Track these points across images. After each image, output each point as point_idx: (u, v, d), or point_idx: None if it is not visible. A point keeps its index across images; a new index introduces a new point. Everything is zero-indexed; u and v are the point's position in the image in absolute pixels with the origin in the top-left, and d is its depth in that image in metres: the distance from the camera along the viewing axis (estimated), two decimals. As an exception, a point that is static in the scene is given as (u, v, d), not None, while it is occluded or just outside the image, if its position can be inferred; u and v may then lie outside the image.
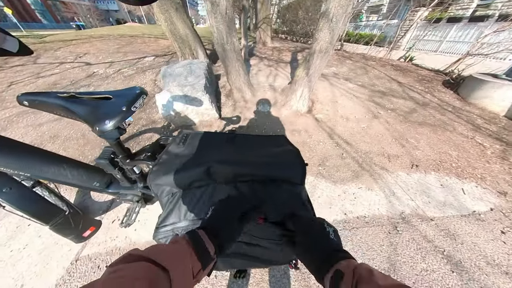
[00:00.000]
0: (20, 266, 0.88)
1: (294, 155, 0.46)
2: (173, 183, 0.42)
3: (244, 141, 0.55)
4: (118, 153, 0.57)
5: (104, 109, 0.41)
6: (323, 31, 1.37)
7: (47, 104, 0.42)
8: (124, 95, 0.44)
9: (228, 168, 0.42)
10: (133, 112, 0.43)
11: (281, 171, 0.42)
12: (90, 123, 0.40)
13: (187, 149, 0.51)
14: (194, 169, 0.42)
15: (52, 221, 0.70)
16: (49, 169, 0.60)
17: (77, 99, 0.42)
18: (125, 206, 1.14)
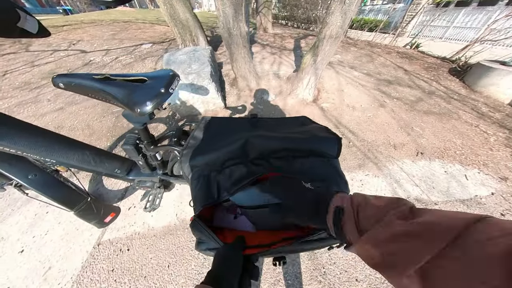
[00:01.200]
0: (44, 250, 0.92)
1: (325, 130, 0.47)
2: (206, 163, 0.42)
3: (268, 123, 0.55)
4: (143, 138, 0.57)
5: (142, 90, 0.40)
6: (335, 15, 1.32)
7: (83, 86, 0.41)
8: (159, 77, 0.43)
9: (264, 143, 0.42)
10: (170, 94, 0.42)
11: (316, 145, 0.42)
12: (130, 105, 0.39)
13: (213, 133, 0.52)
14: (229, 146, 0.43)
15: (77, 206, 0.72)
16: (74, 155, 0.60)
17: (112, 81, 0.41)
18: (139, 194, 1.17)
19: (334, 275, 0.85)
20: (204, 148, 0.45)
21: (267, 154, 0.42)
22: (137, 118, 0.48)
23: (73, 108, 1.98)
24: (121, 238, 0.97)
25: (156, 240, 0.96)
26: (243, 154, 0.43)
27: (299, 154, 0.42)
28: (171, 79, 0.43)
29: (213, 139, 0.48)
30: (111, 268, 0.86)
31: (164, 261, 0.88)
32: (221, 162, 0.43)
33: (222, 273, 0.30)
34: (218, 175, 0.43)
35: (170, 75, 0.44)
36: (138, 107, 0.39)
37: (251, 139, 0.43)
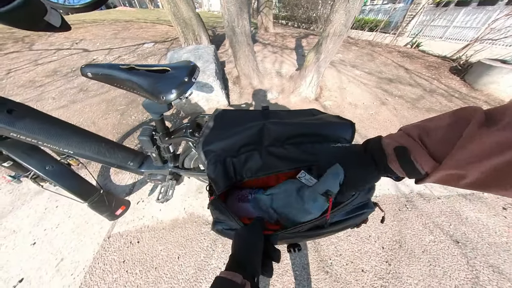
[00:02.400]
0: (56, 242, 0.93)
1: (337, 117, 0.48)
2: (223, 149, 0.44)
3: (280, 114, 0.57)
4: (159, 129, 0.59)
5: (166, 79, 0.42)
6: (339, 13, 1.34)
7: (110, 76, 0.42)
8: (181, 67, 0.45)
9: (280, 128, 0.44)
10: (193, 83, 0.44)
11: (331, 130, 0.43)
12: (155, 93, 0.41)
13: (227, 123, 0.53)
14: (244, 132, 0.44)
15: (90, 198, 0.74)
16: (90, 147, 0.62)
17: (137, 71, 0.43)
18: (147, 189, 1.18)
19: (340, 266, 0.87)
20: (219, 135, 0.47)
21: (283, 140, 0.44)
22: (156, 108, 0.50)
23: (77, 105, 1.99)
24: (130, 231, 0.98)
25: (165, 233, 0.97)
26: (258, 140, 0.45)
27: (314, 139, 0.43)
28: (193, 69, 0.45)
29: (227, 127, 0.50)
30: (122, 260, 0.88)
31: (174, 253, 0.90)
32: (237, 147, 0.44)
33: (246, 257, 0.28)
34: (234, 160, 0.45)
35: (192, 65, 0.46)
36: (164, 95, 0.41)
37: (268, 124, 0.45)
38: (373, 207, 0.37)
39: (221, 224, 0.40)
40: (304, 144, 0.44)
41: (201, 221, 1.03)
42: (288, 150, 0.44)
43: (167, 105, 0.50)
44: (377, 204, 0.39)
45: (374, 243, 0.95)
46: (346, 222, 0.36)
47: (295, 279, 0.83)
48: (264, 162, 0.45)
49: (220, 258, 0.89)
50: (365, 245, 0.94)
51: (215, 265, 0.87)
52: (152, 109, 0.51)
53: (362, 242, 0.96)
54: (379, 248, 0.93)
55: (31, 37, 3.64)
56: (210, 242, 0.94)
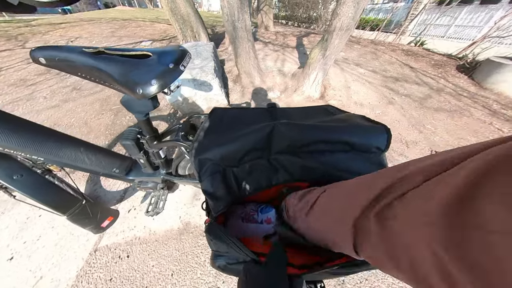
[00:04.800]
0: (36, 258, 0.84)
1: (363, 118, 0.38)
2: (222, 157, 0.35)
3: (289, 113, 0.48)
4: (145, 132, 0.50)
5: (145, 67, 0.32)
6: (347, 5, 1.24)
7: (70, 62, 0.33)
8: (167, 52, 0.35)
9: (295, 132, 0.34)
10: (181, 72, 0.34)
11: (360, 136, 0.34)
12: (129, 85, 0.31)
13: (227, 124, 0.44)
14: (248, 136, 0.35)
15: (70, 210, 0.64)
16: (65, 153, 0.53)
17: (108, 56, 0.33)
18: (139, 195, 1.09)
19: (354, 284, 0.78)
20: (218, 139, 0.37)
21: (298, 147, 0.34)
22: (138, 105, 0.40)
23: (69, 105, 1.89)
24: (120, 243, 0.89)
25: (158, 246, 0.88)
26: (266, 146, 0.35)
27: (338, 148, 0.34)
28: (181, 54, 0.35)
29: (228, 130, 0.40)
30: (109, 277, 0.78)
31: (167, 269, 0.80)
32: (240, 156, 0.35)
33: None
34: (235, 170, 0.36)
35: (181, 50, 0.36)
36: (140, 87, 0.30)
37: (280, 126, 0.35)
38: None
39: (223, 257, 0.30)
40: (324, 153, 0.34)
41: (198, 232, 0.93)
42: (304, 160, 0.35)
43: (151, 102, 0.40)
44: None
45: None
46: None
47: (303, 300, 0.74)
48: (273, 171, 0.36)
49: (219, 275, 0.79)
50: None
51: (213, 283, 0.77)
52: (133, 107, 0.41)
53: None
54: (396, 263, 0.84)
55: (25, 35, 3.54)
56: (207, 257, 0.84)
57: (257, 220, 0.40)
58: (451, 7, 5.52)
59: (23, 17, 8.51)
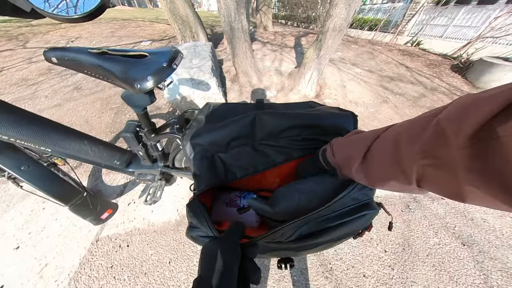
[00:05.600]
0: (41, 247, 0.88)
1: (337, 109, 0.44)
2: (211, 143, 0.39)
3: (275, 106, 0.53)
4: (143, 125, 0.54)
5: (142, 65, 0.37)
6: (339, 6, 1.29)
7: (78, 61, 0.37)
8: (161, 53, 0.40)
9: (274, 120, 0.39)
10: (174, 70, 0.39)
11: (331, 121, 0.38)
12: (129, 81, 0.36)
13: (218, 116, 0.49)
14: (234, 124, 0.40)
15: (72, 201, 0.69)
16: (71, 144, 0.57)
17: (110, 56, 0.38)
18: (138, 189, 1.13)
19: (341, 271, 0.82)
20: (208, 127, 0.42)
21: (277, 133, 0.39)
22: (137, 100, 0.45)
23: (71, 104, 1.94)
24: (120, 234, 0.93)
25: (157, 236, 0.93)
26: (250, 133, 0.40)
27: (313, 131, 0.39)
28: (174, 54, 0.40)
29: (217, 120, 0.45)
30: (110, 265, 0.83)
31: (165, 257, 0.85)
32: (226, 141, 0.40)
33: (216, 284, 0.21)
34: (223, 156, 0.40)
35: (173, 50, 0.41)
36: (138, 82, 0.36)
37: (261, 115, 0.40)
38: (377, 209, 0.32)
39: (196, 230, 0.34)
40: (301, 137, 0.39)
41: (194, 224, 0.98)
42: (283, 146, 0.40)
43: (148, 97, 0.45)
44: (381, 205, 0.33)
45: (376, 246, 0.91)
46: (344, 226, 0.30)
47: (293, 285, 0.78)
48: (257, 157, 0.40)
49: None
50: (367, 248, 0.90)
51: (209, 270, 0.82)
52: (133, 101, 0.46)
53: (364, 245, 0.91)
54: (382, 252, 0.89)
55: (26, 35, 3.58)
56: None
57: (239, 205, 0.45)
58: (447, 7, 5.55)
59: (23, 17, 8.56)
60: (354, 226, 0.30)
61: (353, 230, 0.31)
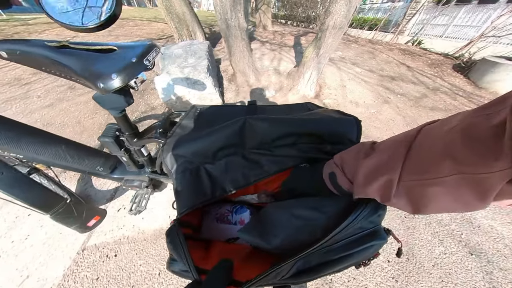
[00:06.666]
0: (23, 257, 0.83)
1: (338, 112, 0.38)
2: (195, 153, 0.34)
3: (269, 109, 0.47)
4: (124, 129, 0.49)
5: (108, 61, 0.32)
6: (339, 3, 1.24)
7: (32, 55, 0.32)
8: (133, 46, 0.35)
9: (266, 126, 0.34)
10: (146, 67, 0.34)
11: (331, 127, 0.34)
12: (91, 78, 0.31)
13: (204, 121, 0.43)
14: (222, 131, 0.35)
15: (53, 209, 0.64)
16: (45, 150, 0.52)
17: (70, 50, 0.33)
18: (130, 194, 1.08)
19: (341, 283, 0.77)
20: (191, 135, 0.37)
21: (269, 142, 0.34)
22: (111, 102, 0.39)
23: (63, 104, 1.89)
24: (108, 242, 0.88)
25: (147, 245, 0.87)
26: (240, 142, 0.35)
27: (310, 140, 0.34)
28: (147, 48, 0.34)
29: (204, 127, 0.40)
30: (95, 277, 0.78)
31: (154, 268, 0.80)
32: (213, 151, 0.34)
33: None
34: (210, 168, 0.35)
35: (147, 44, 0.35)
36: (101, 81, 0.30)
37: (251, 121, 0.35)
38: (385, 238, 0.27)
39: (178, 264, 0.29)
40: (297, 146, 0.34)
41: (187, 231, 0.93)
42: (277, 155, 0.35)
43: (123, 98, 0.39)
44: (390, 232, 0.28)
45: (378, 256, 0.85)
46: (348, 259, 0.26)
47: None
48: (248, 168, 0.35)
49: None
50: (369, 258, 0.85)
51: (201, 282, 0.77)
52: (106, 103, 0.41)
53: (366, 254, 0.86)
54: (385, 262, 0.84)
55: (21, 34, 3.53)
56: (196, 256, 0.84)
57: (230, 221, 0.40)
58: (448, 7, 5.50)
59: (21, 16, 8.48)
60: (360, 258, 0.26)
61: (358, 261, 0.27)
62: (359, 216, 0.24)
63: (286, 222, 0.29)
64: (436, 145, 0.19)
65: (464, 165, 0.16)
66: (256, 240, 0.30)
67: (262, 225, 0.31)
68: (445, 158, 0.17)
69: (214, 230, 0.40)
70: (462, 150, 0.16)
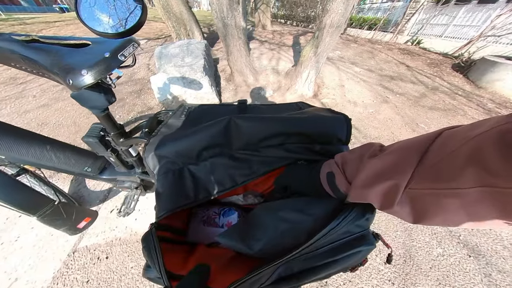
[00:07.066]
0: (12, 259, 0.81)
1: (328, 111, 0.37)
2: (178, 153, 0.33)
3: (259, 108, 0.46)
4: (108, 129, 0.48)
5: (79, 56, 0.30)
6: (336, 1, 1.22)
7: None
8: (108, 41, 0.33)
9: (253, 126, 0.32)
10: (121, 62, 0.32)
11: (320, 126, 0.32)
12: (61, 74, 0.29)
13: (192, 121, 0.42)
14: (206, 130, 0.33)
15: (40, 211, 0.61)
16: (29, 151, 0.50)
17: (41, 44, 0.31)
18: (123, 196, 1.07)
19: (337, 286, 0.76)
20: (175, 134, 0.35)
21: (257, 142, 0.32)
22: (90, 100, 0.37)
23: (59, 104, 1.87)
24: (100, 244, 0.87)
25: (139, 247, 0.86)
26: (225, 142, 0.33)
27: (298, 139, 0.32)
28: (123, 43, 0.32)
29: (190, 126, 0.38)
30: (85, 279, 0.76)
31: (146, 271, 0.78)
32: (197, 151, 0.33)
33: None
34: (194, 169, 0.33)
35: (124, 39, 0.34)
36: (70, 77, 0.28)
37: (236, 120, 0.33)
38: (374, 243, 0.26)
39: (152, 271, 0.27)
40: (286, 146, 0.32)
41: (181, 233, 0.91)
42: (265, 155, 0.33)
43: (104, 96, 0.37)
44: (379, 236, 0.27)
45: (375, 258, 0.84)
46: (333, 265, 0.24)
47: (284, 302, 0.72)
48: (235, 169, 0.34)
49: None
50: (366, 260, 0.83)
51: (193, 285, 0.75)
52: (85, 101, 0.38)
53: (362, 256, 0.84)
54: (381, 264, 0.82)
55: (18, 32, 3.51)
56: (189, 258, 0.82)
57: (218, 224, 0.38)
58: (448, 6, 5.49)
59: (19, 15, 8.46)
60: (346, 264, 0.24)
61: (344, 268, 0.25)
62: (345, 220, 0.23)
63: (271, 225, 0.28)
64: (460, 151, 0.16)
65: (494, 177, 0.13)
66: (237, 245, 0.29)
67: (246, 228, 0.30)
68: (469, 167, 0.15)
69: (200, 233, 0.39)
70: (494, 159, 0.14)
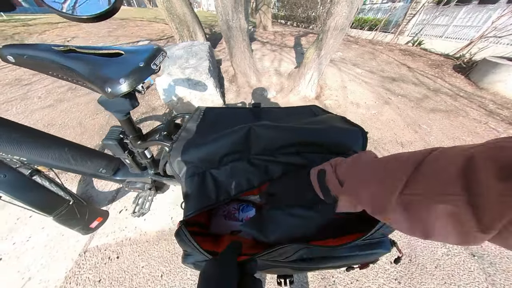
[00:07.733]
0: (25, 259, 0.83)
1: (344, 120, 0.39)
2: (201, 158, 0.35)
3: (273, 113, 0.48)
4: (128, 132, 0.49)
5: (115, 65, 0.32)
6: (340, 4, 1.24)
7: (39, 60, 0.32)
8: (139, 51, 0.35)
9: (271, 134, 0.35)
10: (153, 71, 0.34)
11: (336, 138, 0.34)
12: (98, 83, 0.31)
13: (209, 124, 0.44)
14: (228, 137, 0.35)
15: (56, 211, 0.63)
16: (49, 153, 0.52)
17: (77, 55, 0.33)
18: (131, 196, 1.08)
19: (344, 285, 0.77)
20: (198, 140, 0.37)
21: (274, 149, 0.34)
22: (116, 105, 0.40)
23: (64, 105, 1.89)
24: (110, 244, 0.88)
25: (149, 247, 0.87)
26: (245, 147, 0.35)
27: (314, 149, 0.34)
28: (154, 53, 0.34)
29: (209, 131, 0.40)
30: (97, 279, 0.78)
31: (157, 270, 0.80)
32: (219, 156, 0.35)
33: None
34: (216, 173, 0.35)
35: (154, 48, 0.35)
36: (109, 85, 0.30)
37: (256, 128, 0.35)
38: (389, 249, 0.28)
39: (192, 257, 0.32)
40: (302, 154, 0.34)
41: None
42: (281, 161, 0.35)
43: (129, 102, 0.39)
44: (395, 244, 0.29)
45: (381, 258, 0.85)
46: (350, 259, 0.27)
47: (293, 301, 0.73)
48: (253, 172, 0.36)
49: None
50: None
51: (203, 284, 0.77)
52: (111, 107, 0.41)
53: (368, 256, 0.86)
54: (387, 263, 0.84)
55: (21, 34, 3.52)
56: (198, 257, 0.84)
57: (238, 219, 0.41)
58: (449, 7, 5.51)
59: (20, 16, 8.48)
60: (359, 260, 0.28)
61: (358, 263, 0.28)
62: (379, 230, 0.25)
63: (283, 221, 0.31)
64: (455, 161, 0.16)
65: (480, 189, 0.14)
66: (256, 233, 0.32)
67: (262, 223, 0.33)
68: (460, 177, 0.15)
69: (222, 226, 0.41)
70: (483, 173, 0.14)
